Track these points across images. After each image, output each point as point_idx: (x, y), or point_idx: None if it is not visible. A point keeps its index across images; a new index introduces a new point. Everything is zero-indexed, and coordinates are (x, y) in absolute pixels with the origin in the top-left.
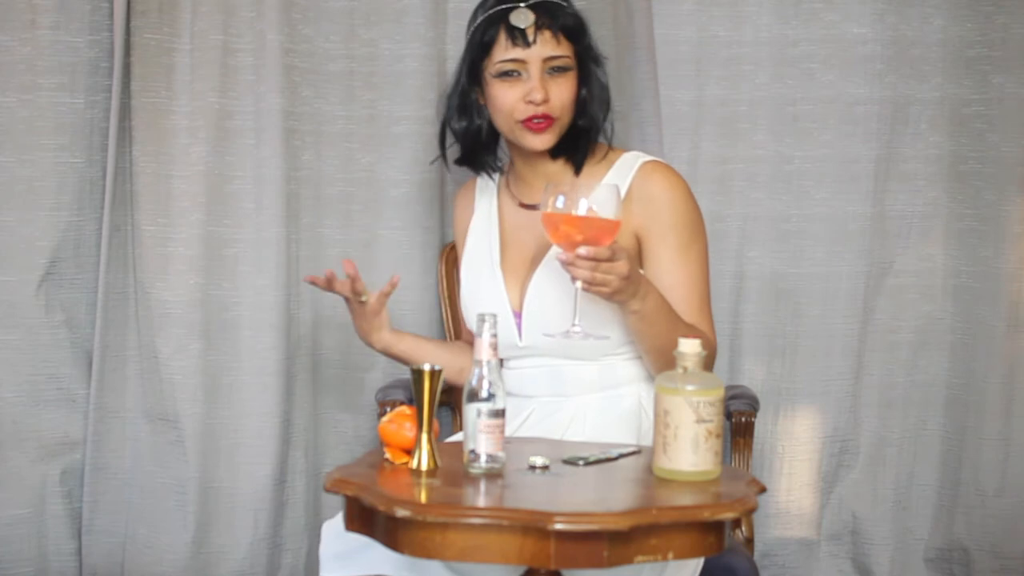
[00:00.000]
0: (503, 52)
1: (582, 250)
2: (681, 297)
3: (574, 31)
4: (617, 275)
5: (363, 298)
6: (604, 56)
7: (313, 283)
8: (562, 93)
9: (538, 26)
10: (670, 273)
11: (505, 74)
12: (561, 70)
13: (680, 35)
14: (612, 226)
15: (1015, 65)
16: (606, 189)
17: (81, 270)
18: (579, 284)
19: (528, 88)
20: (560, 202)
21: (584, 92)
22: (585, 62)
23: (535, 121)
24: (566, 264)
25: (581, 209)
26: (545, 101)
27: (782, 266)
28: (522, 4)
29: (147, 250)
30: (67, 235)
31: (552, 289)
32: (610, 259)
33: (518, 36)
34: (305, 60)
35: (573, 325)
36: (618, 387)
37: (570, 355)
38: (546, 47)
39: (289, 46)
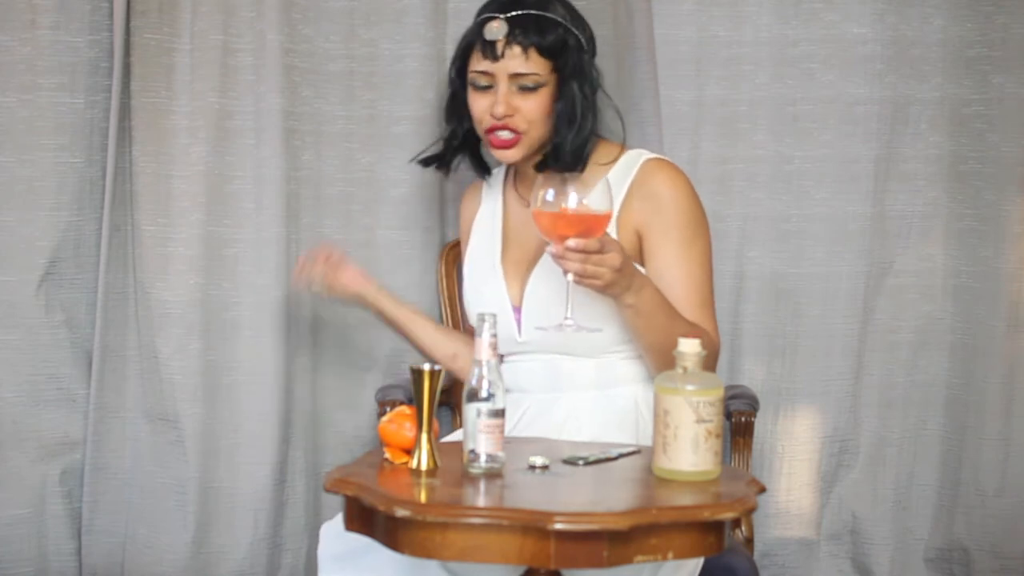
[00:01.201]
0: (476, 62)
1: (571, 242)
2: (683, 295)
3: (551, 49)
4: (609, 267)
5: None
6: (598, 71)
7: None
8: (529, 109)
9: (509, 40)
10: (672, 270)
11: (477, 84)
12: (530, 87)
13: (680, 35)
14: (602, 219)
15: (1015, 65)
16: (600, 189)
17: (81, 270)
18: (571, 277)
19: (493, 100)
20: (550, 196)
21: (559, 108)
22: (567, 80)
23: (497, 134)
24: (557, 257)
25: (571, 203)
26: (508, 115)
27: (782, 266)
28: (501, 16)
29: (147, 250)
30: (67, 235)
31: (552, 285)
32: (600, 251)
33: (488, 48)
34: (305, 60)
35: (565, 318)
36: (615, 386)
37: (568, 351)
38: (513, 62)
39: (289, 46)
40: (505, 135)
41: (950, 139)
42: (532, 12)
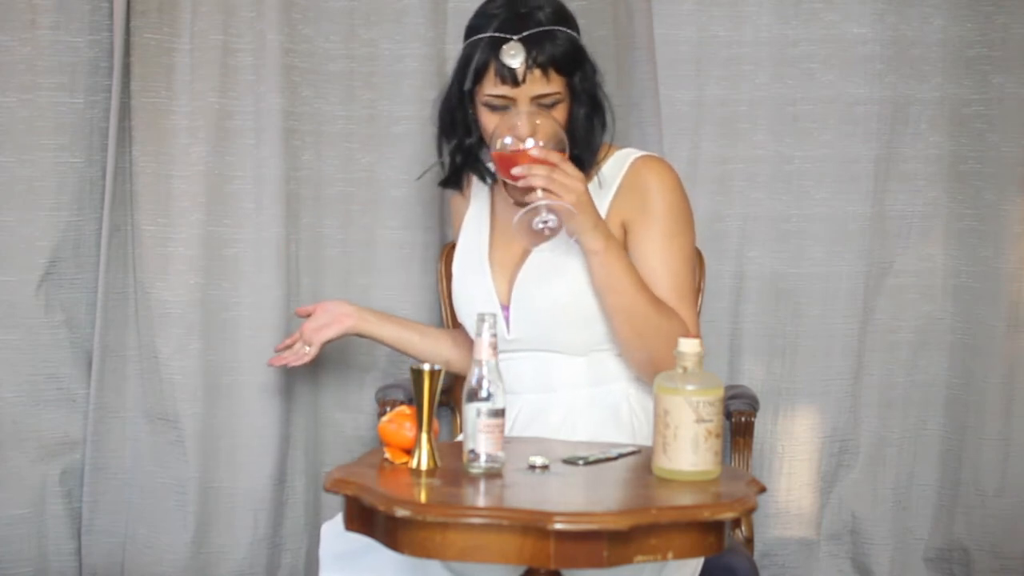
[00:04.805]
0: (492, 87)
1: (533, 151)
2: (661, 284)
3: (566, 63)
4: (577, 178)
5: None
6: (600, 83)
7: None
8: None
9: (529, 64)
10: (652, 260)
11: (493, 105)
12: (549, 104)
13: (680, 35)
14: (560, 157)
15: (1015, 65)
16: (551, 125)
17: (81, 270)
18: (541, 194)
19: None
20: (508, 140)
21: (574, 122)
22: (577, 93)
23: None
24: (523, 177)
25: (528, 145)
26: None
27: (782, 266)
28: (514, 37)
29: (147, 250)
30: (67, 235)
31: (541, 282)
32: (562, 164)
33: (507, 74)
34: (305, 60)
35: (544, 220)
36: (606, 383)
37: (559, 349)
38: (535, 86)
39: (289, 46)
40: None
41: (950, 139)
42: (544, 28)
